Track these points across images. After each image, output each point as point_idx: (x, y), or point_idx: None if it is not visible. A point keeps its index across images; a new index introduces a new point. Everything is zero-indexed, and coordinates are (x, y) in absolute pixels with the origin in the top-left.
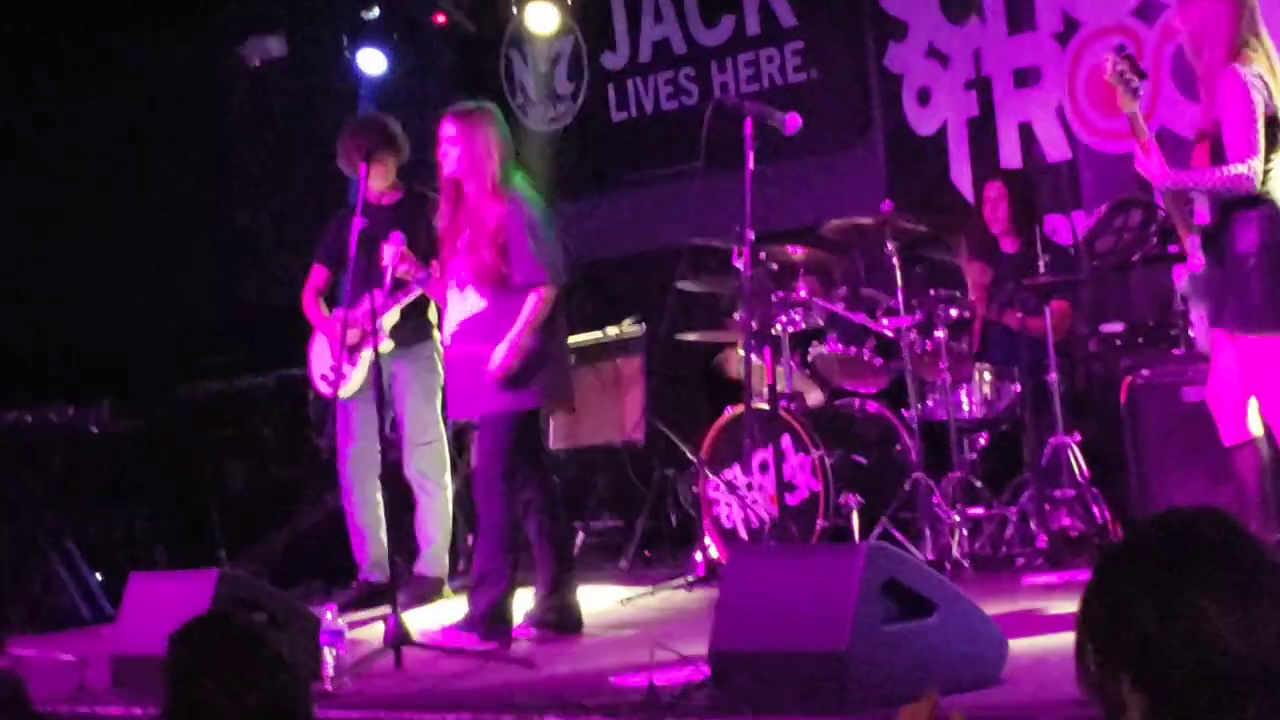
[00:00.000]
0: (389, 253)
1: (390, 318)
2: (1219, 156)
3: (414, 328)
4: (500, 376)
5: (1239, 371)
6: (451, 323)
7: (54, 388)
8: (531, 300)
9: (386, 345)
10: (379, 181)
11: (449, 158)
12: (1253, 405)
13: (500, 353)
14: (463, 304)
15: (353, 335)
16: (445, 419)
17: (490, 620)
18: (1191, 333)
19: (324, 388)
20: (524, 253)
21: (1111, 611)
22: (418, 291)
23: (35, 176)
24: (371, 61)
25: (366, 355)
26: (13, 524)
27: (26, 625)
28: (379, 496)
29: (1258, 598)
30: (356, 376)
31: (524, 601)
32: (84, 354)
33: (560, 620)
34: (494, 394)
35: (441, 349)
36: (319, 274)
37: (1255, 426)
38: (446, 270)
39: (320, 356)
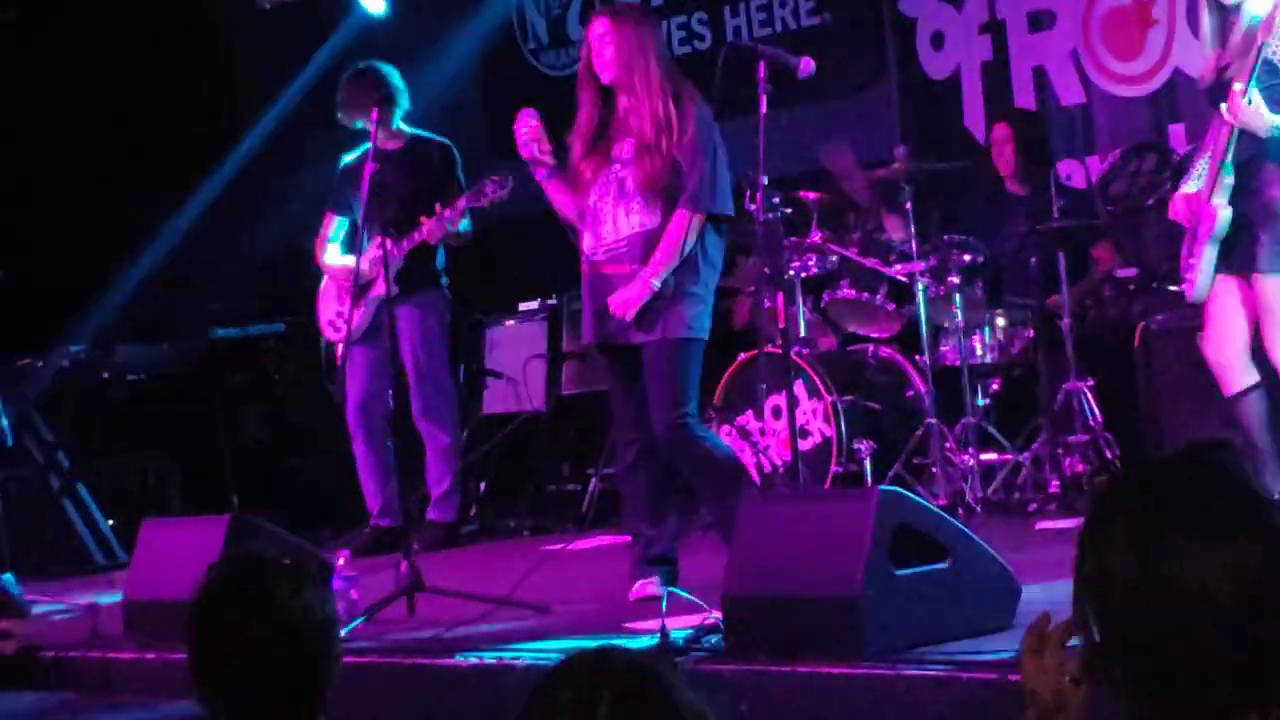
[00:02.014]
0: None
1: (394, 264)
2: None
3: (420, 274)
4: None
5: (1260, 315)
6: (608, 238)
7: (67, 333)
8: (674, 223)
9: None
10: (384, 129)
11: (605, 59)
12: (1245, 354)
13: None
14: (627, 220)
15: (359, 281)
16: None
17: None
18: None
19: (331, 333)
20: (698, 172)
21: (1091, 557)
22: (420, 239)
23: (46, 120)
24: (373, 2)
25: (373, 302)
26: (26, 470)
27: (40, 571)
28: (389, 443)
29: (1234, 538)
30: (363, 323)
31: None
32: (97, 300)
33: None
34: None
35: (448, 297)
36: (330, 222)
37: (1253, 374)
38: (593, 184)
39: (328, 302)
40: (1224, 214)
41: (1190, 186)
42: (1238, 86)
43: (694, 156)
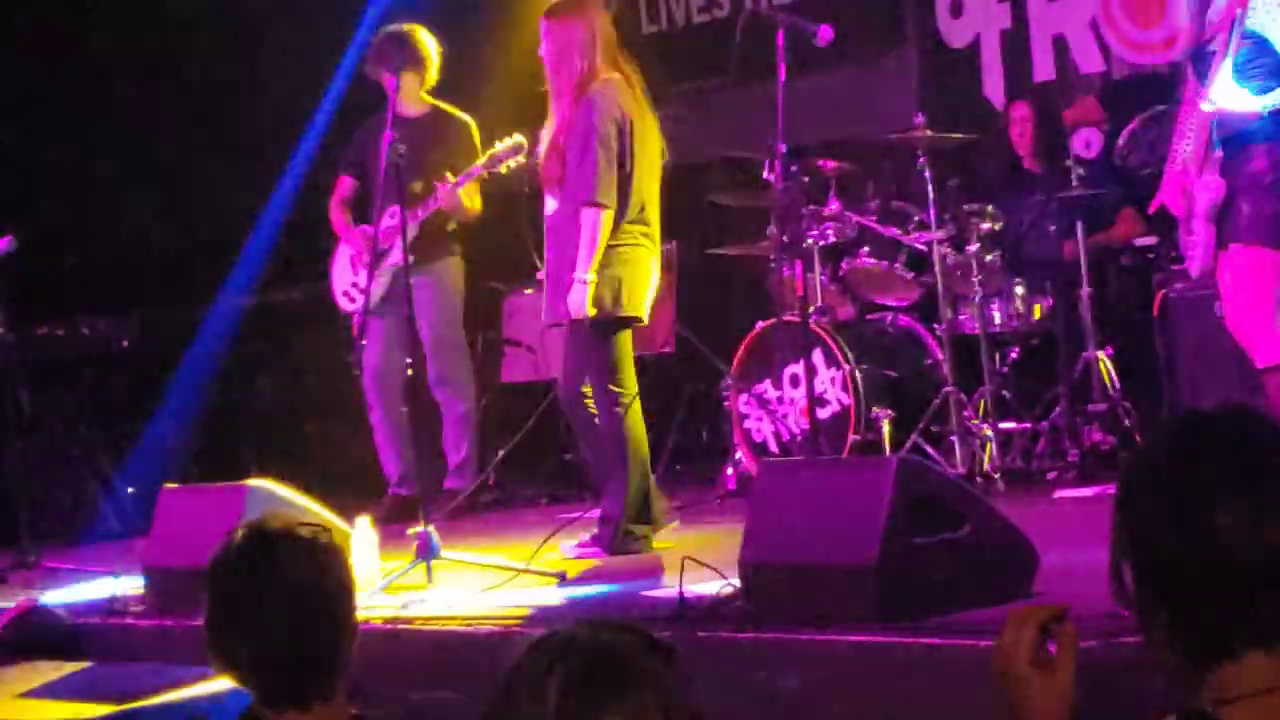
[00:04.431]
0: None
1: (409, 233)
2: None
3: (434, 243)
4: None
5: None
6: (547, 225)
7: (86, 302)
8: (583, 221)
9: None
10: (406, 96)
11: (546, 59)
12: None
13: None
14: (549, 207)
15: (375, 250)
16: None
17: (615, 531)
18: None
19: (345, 304)
20: (585, 168)
21: (1129, 519)
22: (435, 207)
23: (67, 93)
24: None
25: (388, 271)
26: (45, 437)
27: (59, 539)
28: (405, 410)
29: (1270, 495)
30: (377, 292)
31: None
32: (115, 268)
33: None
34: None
35: (462, 265)
36: (345, 184)
37: None
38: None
39: (342, 272)
40: (1217, 188)
41: (1179, 163)
42: (1218, 73)
43: (580, 149)
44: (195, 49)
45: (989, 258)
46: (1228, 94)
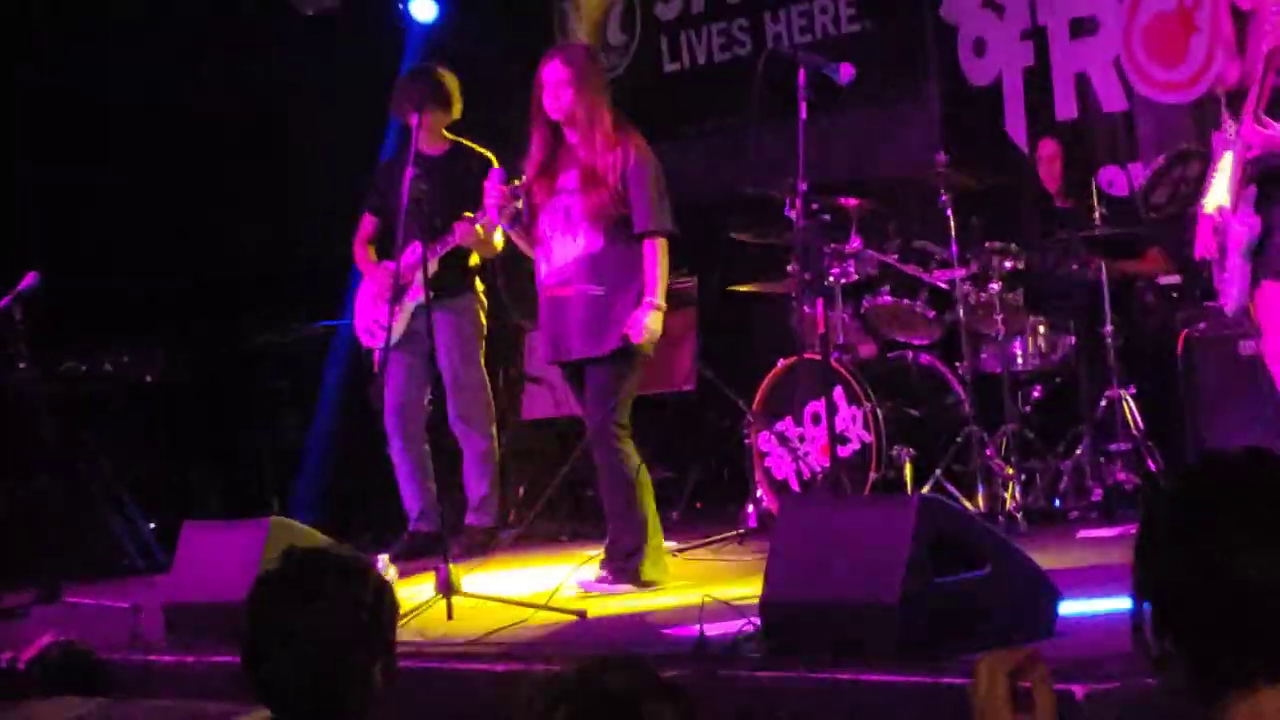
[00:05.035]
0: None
1: (430, 268)
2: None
3: (454, 279)
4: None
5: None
6: (558, 262)
7: (109, 336)
8: (648, 251)
9: (421, 297)
10: (428, 133)
11: (560, 100)
12: None
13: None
14: (574, 244)
15: (397, 285)
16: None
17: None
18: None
19: (368, 339)
20: (646, 201)
21: (1149, 560)
22: (453, 244)
23: (90, 125)
24: (422, 9)
25: (409, 306)
26: (67, 472)
27: (81, 573)
28: (425, 446)
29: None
30: (398, 327)
31: None
32: (139, 303)
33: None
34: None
35: (483, 302)
36: (367, 223)
37: None
38: (542, 211)
39: (365, 308)
40: (1252, 225)
41: (1209, 206)
42: (1252, 111)
43: (641, 185)
44: (219, 81)
45: (1011, 296)
46: (1262, 131)
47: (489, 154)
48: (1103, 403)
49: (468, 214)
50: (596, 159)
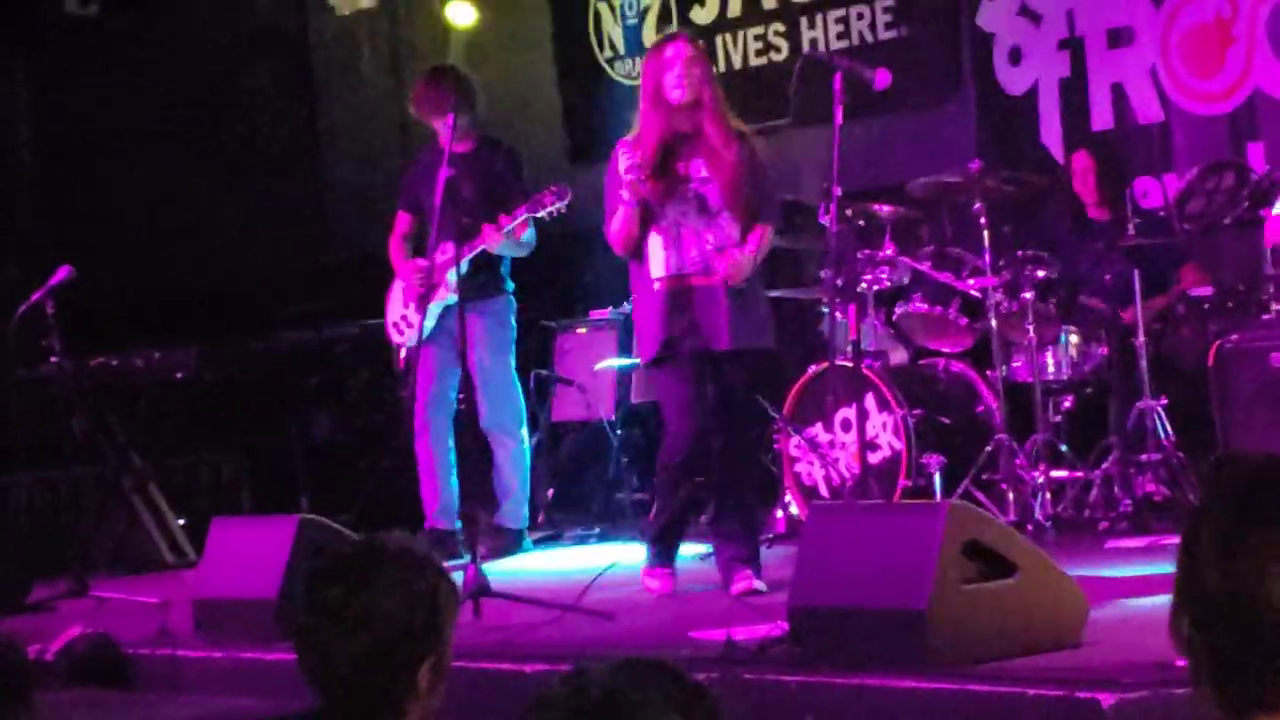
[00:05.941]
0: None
1: (461, 268)
2: None
3: (484, 281)
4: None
5: None
6: (692, 251)
7: (141, 334)
8: (758, 235)
9: (451, 298)
10: (457, 131)
11: (691, 79)
12: None
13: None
14: (714, 233)
15: (429, 283)
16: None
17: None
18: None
19: (395, 336)
20: (768, 190)
21: (1186, 569)
22: (482, 245)
23: (126, 124)
24: (460, 14)
25: (436, 305)
26: (98, 468)
27: (110, 568)
28: (450, 442)
29: None
30: (428, 325)
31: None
32: (171, 300)
33: None
34: (763, 328)
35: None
36: (403, 220)
37: None
38: (668, 199)
39: (395, 305)
40: None
41: None
42: None
43: (764, 173)
44: (253, 82)
45: (1043, 305)
46: None
47: (513, 147)
48: (1133, 414)
49: (501, 215)
50: (729, 147)
